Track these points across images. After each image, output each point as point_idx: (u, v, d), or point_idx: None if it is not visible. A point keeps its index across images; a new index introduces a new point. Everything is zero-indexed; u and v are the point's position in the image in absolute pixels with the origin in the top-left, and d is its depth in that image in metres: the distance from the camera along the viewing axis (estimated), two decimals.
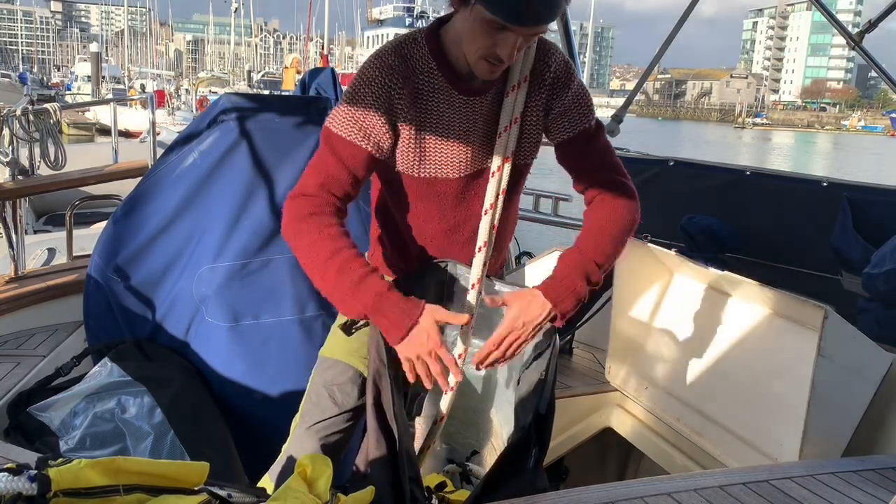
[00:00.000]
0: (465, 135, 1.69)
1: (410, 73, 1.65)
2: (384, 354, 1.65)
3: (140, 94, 20.10)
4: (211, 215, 2.66)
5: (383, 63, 1.64)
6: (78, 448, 2.23)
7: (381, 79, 1.63)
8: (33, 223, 6.95)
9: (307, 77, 3.54)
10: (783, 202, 3.59)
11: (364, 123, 1.63)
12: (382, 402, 1.63)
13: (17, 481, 1.01)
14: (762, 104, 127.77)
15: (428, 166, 1.70)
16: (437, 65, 1.66)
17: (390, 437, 1.60)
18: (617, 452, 2.97)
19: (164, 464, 1.17)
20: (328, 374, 1.91)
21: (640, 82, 4.83)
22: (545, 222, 4.19)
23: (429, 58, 1.66)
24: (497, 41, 1.55)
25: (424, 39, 1.67)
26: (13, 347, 2.81)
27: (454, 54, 1.66)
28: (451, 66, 1.66)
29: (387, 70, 1.63)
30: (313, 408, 1.90)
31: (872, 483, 1.70)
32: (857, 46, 3.58)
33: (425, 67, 1.66)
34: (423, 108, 1.66)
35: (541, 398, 1.60)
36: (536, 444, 1.59)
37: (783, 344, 2.21)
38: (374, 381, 1.68)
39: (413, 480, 1.59)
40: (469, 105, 1.68)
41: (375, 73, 1.64)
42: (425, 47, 1.66)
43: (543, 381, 1.63)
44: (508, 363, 1.72)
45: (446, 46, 1.67)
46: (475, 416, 1.93)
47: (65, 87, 43.37)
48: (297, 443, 1.91)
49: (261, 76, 44.48)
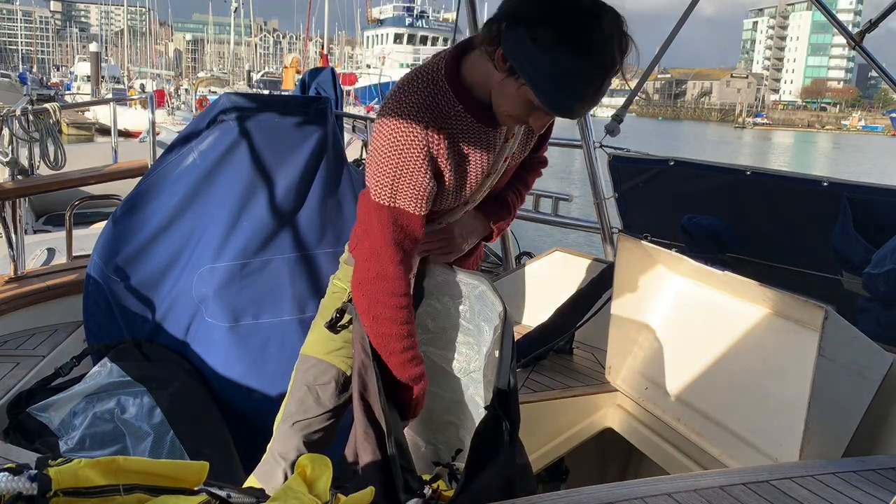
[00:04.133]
0: (492, 159, 1.75)
1: (441, 121, 1.62)
2: (369, 348, 1.69)
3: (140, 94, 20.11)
4: (211, 215, 2.66)
5: (415, 120, 1.60)
6: (78, 448, 2.23)
7: (418, 139, 1.60)
8: (33, 223, 6.96)
9: (307, 77, 3.54)
10: (783, 202, 3.59)
11: (417, 191, 1.63)
12: (369, 393, 1.65)
13: (18, 481, 1.01)
14: (762, 104, 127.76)
15: (460, 195, 1.76)
16: (465, 107, 1.64)
17: (378, 428, 1.62)
18: (617, 452, 2.97)
19: (163, 463, 1.17)
20: (310, 374, 1.92)
21: (640, 82, 4.82)
22: (545, 222, 4.18)
23: (454, 101, 1.63)
24: (534, 116, 1.59)
25: (447, 82, 1.63)
26: (13, 347, 2.81)
27: (478, 93, 1.64)
28: (475, 105, 1.64)
29: (420, 127, 1.60)
30: (296, 406, 1.92)
31: (873, 483, 1.69)
32: (857, 46, 3.57)
33: (453, 112, 1.63)
34: (457, 151, 1.66)
35: (499, 374, 1.61)
36: (505, 419, 1.60)
37: (783, 344, 2.20)
38: (359, 373, 1.71)
39: (405, 469, 1.60)
40: (494, 133, 1.71)
41: (410, 134, 1.59)
42: (449, 92, 1.63)
43: (500, 357, 1.64)
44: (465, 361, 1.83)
45: (468, 84, 1.64)
46: (452, 415, 1.92)
47: (64, 87, 43.38)
48: (280, 441, 1.93)
49: (260, 76, 44.47)
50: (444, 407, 1.93)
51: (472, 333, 1.81)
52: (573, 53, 1.43)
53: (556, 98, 1.49)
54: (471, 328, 1.80)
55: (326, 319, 1.89)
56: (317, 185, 2.74)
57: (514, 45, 1.48)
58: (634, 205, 3.87)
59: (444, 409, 1.94)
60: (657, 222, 3.79)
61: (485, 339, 1.73)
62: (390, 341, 1.69)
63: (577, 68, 1.44)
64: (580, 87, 1.47)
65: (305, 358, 1.96)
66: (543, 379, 2.79)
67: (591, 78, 1.46)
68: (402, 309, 1.68)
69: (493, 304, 1.69)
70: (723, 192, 3.78)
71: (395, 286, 1.66)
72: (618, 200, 3.86)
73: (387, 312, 1.67)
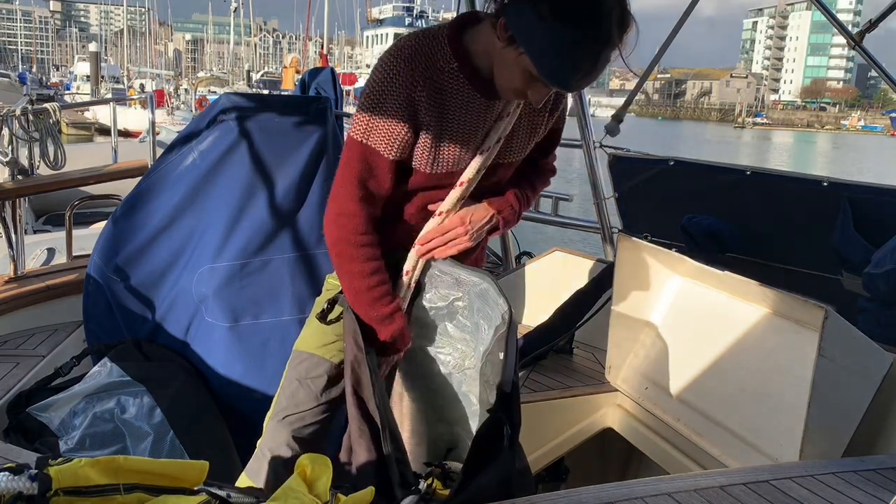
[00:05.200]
0: (480, 133, 1.72)
1: (432, 71, 1.64)
2: (361, 342, 1.69)
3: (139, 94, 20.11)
4: (211, 215, 2.66)
5: (404, 62, 1.62)
6: (77, 448, 2.23)
7: (403, 79, 1.62)
8: (33, 223, 6.96)
9: (307, 77, 3.55)
10: (783, 202, 3.59)
11: (391, 132, 1.64)
12: (362, 388, 1.65)
13: (18, 481, 1.01)
14: (762, 104, 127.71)
15: (441, 163, 1.72)
16: (460, 66, 1.65)
17: (372, 423, 1.62)
18: (617, 452, 2.97)
19: (163, 463, 1.17)
20: (302, 368, 1.91)
21: (640, 82, 4.81)
22: (545, 222, 4.18)
23: (450, 58, 1.65)
24: (532, 88, 1.59)
25: (447, 40, 1.66)
26: (13, 347, 2.81)
27: (478, 61, 1.65)
28: (473, 69, 1.66)
29: (408, 70, 1.62)
30: (287, 401, 1.91)
31: (873, 483, 1.69)
32: (857, 46, 3.57)
33: (447, 67, 1.65)
34: (442, 108, 1.66)
35: (503, 377, 1.61)
36: (507, 422, 1.60)
37: (783, 344, 2.20)
38: (352, 368, 1.71)
39: (401, 462, 1.60)
40: (487, 106, 1.70)
41: (396, 74, 1.62)
42: (447, 47, 1.65)
43: (504, 360, 1.64)
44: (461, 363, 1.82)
45: (470, 50, 1.66)
46: (444, 412, 1.92)
47: (64, 87, 43.37)
48: (270, 436, 1.91)
49: (260, 76, 44.52)
50: (436, 404, 1.92)
51: (469, 330, 1.80)
52: (572, 24, 1.45)
53: (552, 67, 1.50)
54: (468, 325, 1.80)
55: (317, 311, 1.90)
56: (317, 184, 2.73)
57: (515, 15, 1.50)
58: (634, 205, 3.87)
59: (436, 406, 1.93)
60: (657, 222, 3.79)
61: (482, 337, 1.72)
62: (354, 279, 1.73)
63: (575, 39, 1.46)
64: (577, 58, 1.49)
65: (298, 353, 1.95)
66: (543, 379, 2.79)
67: (588, 49, 1.48)
68: (363, 247, 1.71)
69: (497, 303, 1.68)
70: (723, 192, 3.78)
71: (355, 224, 1.69)
72: (618, 200, 3.86)
73: (348, 250, 1.71)
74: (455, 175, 1.76)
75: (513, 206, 1.86)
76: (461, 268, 1.79)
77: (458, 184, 1.76)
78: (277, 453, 1.89)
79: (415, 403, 1.98)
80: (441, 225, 1.78)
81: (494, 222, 1.83)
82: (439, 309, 1.84)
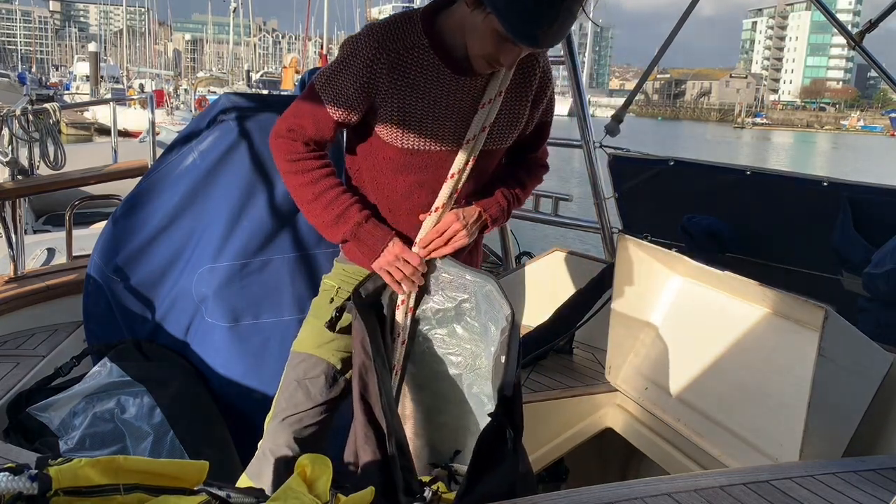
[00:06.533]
0: (453, 111, 1.75)
1: (399, 46, 1.70)
2: (370, 348, 1.69)
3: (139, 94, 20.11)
4: (211, 215, 2.66)
5: (371, 36, 1.71)
6: (77, 448, 2.22)
7: (366, 51, 1.70)
8: (33, 223, 6.96)
9: (306, 77, 3.53)
10: (783, 202, 3.59)
11: (340, 93, 1.72)
12: (370, 394, 1.65)
13: (18, 481, 1.01)
14: (761, 104, 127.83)
15: (412, 138, 1.75)
16: (430, 42, 1.71)
17: (379, 429, 1.63)
18: (617, 452, 2.97)
19: (163, 463, 1.17)
20: (300, 369, 1.92)
21: (640, 82, 4.83)
22: (545, 222, 4.18)
23: (421, 34, 1.71)
24: (502, 50, 1.62)
25: (420, 17, 1.72)
26: (13, 347, 2.81)
27: (451, 37, 1.71)
28: (444, 46, 1.71)
29: (373, 43, 1.70)
30: (286, 402, 1.91)
31: (872, 483, 1.70)
32: (857, 46, 3.58)
33: (416, 42, 1.71)
34: (408, 82, 1.71)
35: (504, 380, 1.62)
36: (509, 425, 1.61)
37: (783, 344, 2.20)
38: (360, 374, 1.71)
39: (406, 469, 1.60)
40: (459, 84, 1.74)
41: (361, 46, 1.71)
42: (419, 24, 1.72)
43: (506, 363, 1.65)
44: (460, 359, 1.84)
45: (443, 28, 1.72)
46: (450, 416, 1.92)
47: (63, 87, 43.32)
48: (270, 438, 1.92)
49: (260, 76, 44.47)
50: (443, 405, 1.93)
51: (477, 332, 1.80)
52: None
53: (516, 22, 1.54)
54: (476, 326, 1.80)
55: (317, 317, 1.91)
56: None
57: None
58: (634, 205, 3.87)
59: (443, 409, 1.93)
60: (657, 222, 3.79)
61: (491, 338, 1.73)
62: (301, 190, 1.81)
63: None
64: (541, 12, 1.53)
65: (295, 354, 1.95)
66: (543, 379, 2.80)
67: (551, 3, 1.52)
68: (296, 161, 1.80)
69: (501, 305, 1.68)
70: (723, 192, 3.79)
71: (285, 146, 1.80)
72: (618, 200, 3.86)
73: (284, 166, 1.82)
74: (432, 154, 1.78)
75: (500, 203, 1.91)
76: (466, 269, 1.80)
77: (450, 176, 1.79)
78: (278, 454, 1.89)
79: (422, 405, 1.98)
80: (438, 225, 1.81)
81: (483, 219, 1.88)
82: (447, 311, 1.84)
